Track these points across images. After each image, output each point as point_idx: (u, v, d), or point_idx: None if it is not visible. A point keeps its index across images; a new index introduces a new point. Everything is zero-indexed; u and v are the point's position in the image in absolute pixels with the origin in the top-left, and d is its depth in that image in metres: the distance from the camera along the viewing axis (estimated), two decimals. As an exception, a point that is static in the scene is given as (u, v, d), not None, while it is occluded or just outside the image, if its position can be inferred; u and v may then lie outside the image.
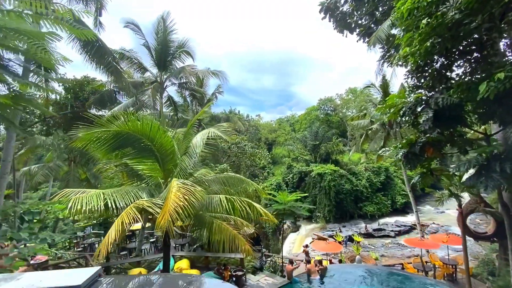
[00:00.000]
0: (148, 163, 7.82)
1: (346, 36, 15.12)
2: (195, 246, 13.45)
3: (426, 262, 13.67)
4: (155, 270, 9.67)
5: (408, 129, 17.39)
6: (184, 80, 18.59)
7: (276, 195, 13.29)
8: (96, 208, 5.49)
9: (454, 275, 12.35)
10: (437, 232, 27.37)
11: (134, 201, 6.06)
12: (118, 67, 12.71)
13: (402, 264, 14.41)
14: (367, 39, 14.40)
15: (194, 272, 10.28)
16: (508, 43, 7.73)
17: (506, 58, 7.67)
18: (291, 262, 11.12)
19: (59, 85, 14.72)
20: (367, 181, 38.37)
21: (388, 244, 27.26)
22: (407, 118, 9.13)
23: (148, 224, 15.18)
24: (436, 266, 13.00)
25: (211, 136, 7.73)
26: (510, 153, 7.14)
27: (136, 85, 16.43)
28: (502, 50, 7.87)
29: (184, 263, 10.97)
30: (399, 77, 30.36)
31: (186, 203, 5.20)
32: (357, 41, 15.14)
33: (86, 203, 5.59)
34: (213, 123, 18.86)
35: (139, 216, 5.24)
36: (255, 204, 7.59)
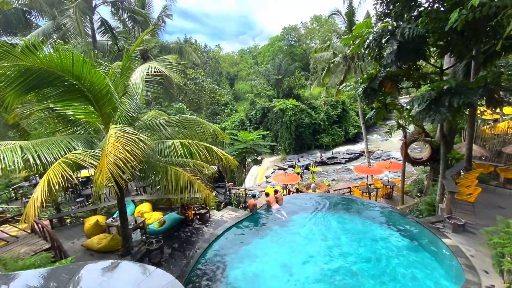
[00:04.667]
0: (79, 106, 6.50)
1: None
2: (157, 188, 13.24)
3: (370, 185, 15.68)
4: (114, 216, 9.39)
5: (369, 63, 17.26)
6: (119, -2, 14.90)
7: (238, 135, 13.00)
8: (13, 166, 4.48)
9: (391, 194, 14.52)
10: (381, 157, 31.27)
11: (66, 154, 5.11)
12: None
13: (350, 188, 16.38)
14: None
15: (157, 214, 10.29)
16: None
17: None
18: (253, 196, 11.71)
19: None
20: (325, 115, 40.26)
21: (339, 170, 30.70)
22: (371, 51, 8.74)
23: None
24: (378, 188, 15.04)
25: (151, 72, 6.46)
26: (459, 88, 7.39)
27: (54, 3, 12.75)
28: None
29: (145, 207, 10.85)
30: (368, 2, 28.81)
31: (129, 156, 4.48)
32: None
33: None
34: (164, 54, 16.21)
35: (71, 173, 4.43)
36: (214, 147, 7.13)
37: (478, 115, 15.86)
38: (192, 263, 7.41)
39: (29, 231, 8.25)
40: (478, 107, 13.42)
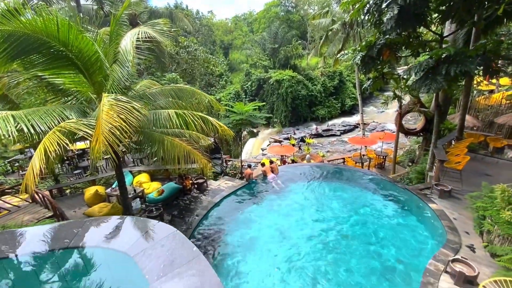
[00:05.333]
0: (69, 75, 6.28)
1: None
2: (154, 159, 13.37)
3: (363, 155, 16.04)
4: (113, 186, 9.59)
5: (368, 30, 16.66)
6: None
7: (233, 106, 12.87)
8: (6, 135, 4.45)
9: (383, 164, 14.94)
10: (375, 129, 31.56)
11: (60, 123, 5.06)
12: None
13: (343, 158, 16.74)
14: None
15: (155, 184, 10.52)
16: None
17: None
18: (249, 166, 11.96)
19: None
20: (322, 86, 39.65)
21: (334, 142, 31.09)
22: (370, 16, 8.41)
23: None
24: (371, 158, 15.42)
25: (142, 37, 6.16)
26: (457, 56, 7.27)
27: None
28: None
29: (143, 177, 11.04)
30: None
31: (124, 124, 4.46)
32: None
33: (-9, 130, 4.46)
34: (153, 19, 15.25)
35: (67, 141, 4.43)
36: (209, 118, 7.08)
37: (474, 86, 15.83)
38: (192, 228, 7.78)
39: (30, 201, 8.43)
40: (475, 77, 13.35)
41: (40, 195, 7.99)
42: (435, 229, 7.26)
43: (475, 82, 15.14)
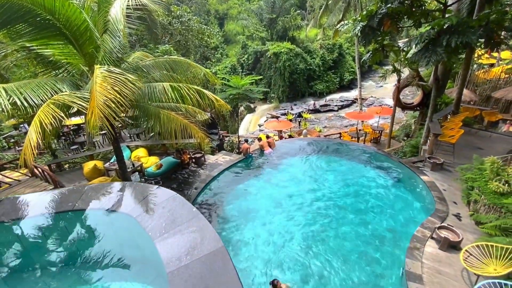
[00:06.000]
0: (57, 45, 6.03)
1: None
2: (151, 135, 13.35)
3: (360, 130, 16.16)
4: (111, 161, 9.67)
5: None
6: None
7: (230, 80, 12.61)
8: (0, 109, 4.39)
9: (379, 138, 15.10)
10: (373, 104, 31.41)
11: (53, 96, 4.97)
12: None
13: (340, 133, 16.86)
14: None
15: (153, 158, 10.61)
16: None
17: None
18: (246, 141, 12.03)
19: None
20: (321, 60, 38.60)
21: (331, 117, 31.04)
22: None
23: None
24: (367, 133, 15.55)
25: (132, 4, 5.83)
26: (459, 27, 7.07)
27: None
28: None
29: (141, 152, 11.10)
30: None
31: (118, 96, 4.40)
32: None
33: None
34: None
35: (62, 114, 4.39)
36: (205, 91, 6.99)
37: (475, 59, 15.56)
38: (191, 200, 8.01)
39: (30, 175, 8.53)
40: (476, 50, 13.08)
41: (39, 169, 8.06)
42: (425, 200, 7.58)
43: (476, 55, 14.87)
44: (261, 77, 33.76)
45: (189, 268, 3.15)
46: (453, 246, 5.71)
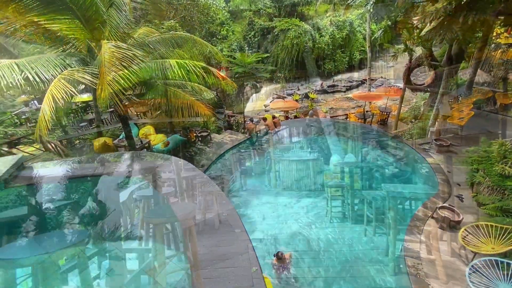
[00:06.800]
0: (64, 20, 5.99)
1: None
2: (158, 113, 13.44)
3: (367, 111, 15.91)
4: (120, 137, 9.88)
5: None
6: None
7: (236, 57, 12.39)
8: (13, 83, 4.50)
9: (386, 120, 14.89)
10: (383, 85, 30.58)
11: (62, 72, 5.04)
12: None
13: (346, 114, 16.66)
14: None
15: (160, 136, 10.78)
16: None
17: None
18: (251, 120, 12.07)
19: None
20: (330, 38, 37.16)
21: (338, 98, 30.51)
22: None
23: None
24: (374, 114, 15.32)
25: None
26: (478, 2, 6.70)
27: None
28: None
29: (149, 129, 11.28)
30: None
31: (127, 72, 4.44)
32: None
33: (-3, 78, 4.49)
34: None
35: (72, 89, 4.48)
36: (211, 68, 6.94)
37: (493, 38, 14.79)
38: (198, 177, 8.27)
39: (43, 150, 8.84)
40: (495, 28, 12.40)
41: (52, 144, 8.33)
42: (429, 181, 7.65)
43: (494, 34, 14.12)
44: (267, 55, 32.92)
45: (205, 223, 3.53)
46: (453, 226, 5.85)
